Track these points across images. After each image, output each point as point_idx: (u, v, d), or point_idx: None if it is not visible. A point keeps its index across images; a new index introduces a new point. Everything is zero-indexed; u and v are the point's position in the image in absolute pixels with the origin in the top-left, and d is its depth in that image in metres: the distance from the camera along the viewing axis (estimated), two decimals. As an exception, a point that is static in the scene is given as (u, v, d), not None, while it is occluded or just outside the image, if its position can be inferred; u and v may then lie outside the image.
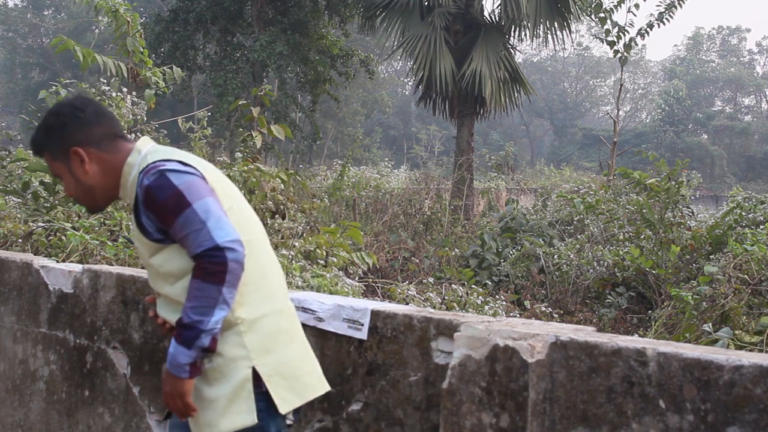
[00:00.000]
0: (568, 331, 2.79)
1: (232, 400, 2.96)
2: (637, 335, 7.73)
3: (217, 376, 2.97)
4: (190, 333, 2.87)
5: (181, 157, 3.03)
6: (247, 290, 3.02)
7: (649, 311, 8.68)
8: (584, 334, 2.77)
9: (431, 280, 8.57)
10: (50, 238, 6.87)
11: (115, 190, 3.14)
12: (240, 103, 9.31)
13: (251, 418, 2.97)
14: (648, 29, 19.57)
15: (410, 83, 51.72)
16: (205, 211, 2.88)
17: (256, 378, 2.98)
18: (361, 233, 8.03)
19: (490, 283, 9.90)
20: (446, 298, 7.46)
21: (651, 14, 19.93)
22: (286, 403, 3.02)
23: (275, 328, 3.08)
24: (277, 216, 7.74)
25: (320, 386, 3.18)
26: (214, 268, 2.84)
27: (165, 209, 2.90)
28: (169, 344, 3.00)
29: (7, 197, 8.27)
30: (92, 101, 3.19)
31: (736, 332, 6.56)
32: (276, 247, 7.05)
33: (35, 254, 6.23)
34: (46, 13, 63.82)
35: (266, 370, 3.00)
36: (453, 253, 11.17)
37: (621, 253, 9.67)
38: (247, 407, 2.97)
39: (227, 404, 2.96)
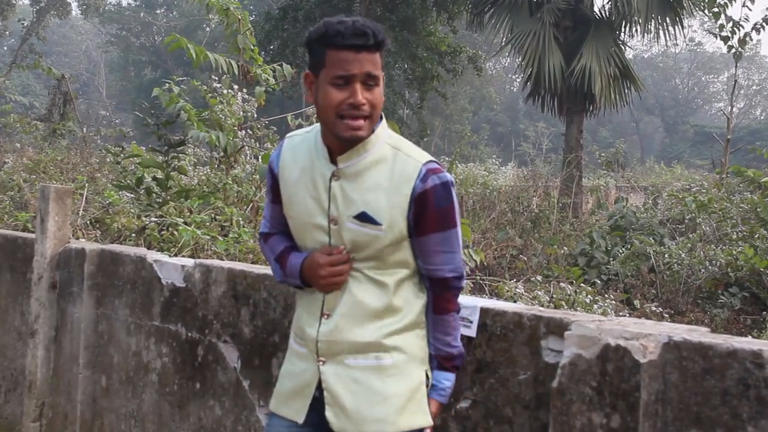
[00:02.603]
0: (681, 332, 2.75)
1: (409, 399, 2.91)
2: (750, 337, 7.56)
3: (394, 372, 2.90)
4: (461, 360, 3.07)
5: None
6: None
7: (764, 312, 8.49)
8: (698, 334, 2.73)
9: (539, 278, 8.49)
10: (162, 232, 7.00)
11: None
12: (349, 100, 9.34)
13: (426, 420, 2.96)
14: (764, 23, 19.10)
15: (518, 80, 51.32)
16: (460, 238, 2.98)
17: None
18: (470, 230, 8.00)
19: (598, 281, 9.76)
20: (554, 296, 7.39)
21: (767, 8, 19.47)
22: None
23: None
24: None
25: None
26: (459, 294, 3.04)
27: (435, 217, 2.87)
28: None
29: (121, 192, 8.46)
30: None
31: None
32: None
33: (148, 248, 6.35)
34: (158, 11, 65.28)
35: (425, 378, 3.02)
36: (561, 251, 11.06)
37: (734, 252, 9.46)
38: (422, 408, 2.95)
39: (405, 403, 2.90)
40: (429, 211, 2.84)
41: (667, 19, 20.51)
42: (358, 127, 2.76)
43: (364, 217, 2.83)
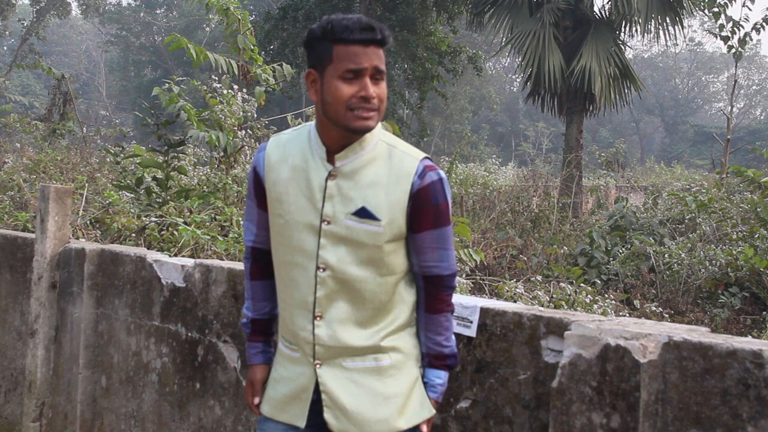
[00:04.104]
0: (681, 332, 2.75)
1: (409, 396, 2.94)
2: (750, 337, 7.56)
3: (393, 373, 2.92)
4: (454, 360, 3.05)
5: None
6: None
7: (764, 312, 8.48)
8: (698, 334, 2.72)
9: (539, 278, 8.49)
10: (162, 232, 7.01)
11: None
12: (348, 100, 9.32)
13: (429, 410, 3.00)
14: (764, 23, 19.09)
15: (518, 80, 51.43)
16: (452, 236, 2.98)
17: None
18: (469, 230, 7.99)
19: (598, 281, 9.75)
20: (554, 296, 7.39)
21: (767, 8, 19.45)
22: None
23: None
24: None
25: None
26: (453, 294, 3.04)
27: (432, 213, 2.87)
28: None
29: (121, 192, 8.46)
30: None
31: None
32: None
33: (148, 248, 6.35)
34: (158, 11, 65.26)
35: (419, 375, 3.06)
36: (561, 251, 11.05)
37: (734, 252, 9.45)
38: (422, 401, 2.99)
39: (405, 401, 2.92)
40: (426, 208, 2.84)
41: (667, 19, 20.48)
42: (368, 117, 2.75)
43: (363, 213, 2.82)
